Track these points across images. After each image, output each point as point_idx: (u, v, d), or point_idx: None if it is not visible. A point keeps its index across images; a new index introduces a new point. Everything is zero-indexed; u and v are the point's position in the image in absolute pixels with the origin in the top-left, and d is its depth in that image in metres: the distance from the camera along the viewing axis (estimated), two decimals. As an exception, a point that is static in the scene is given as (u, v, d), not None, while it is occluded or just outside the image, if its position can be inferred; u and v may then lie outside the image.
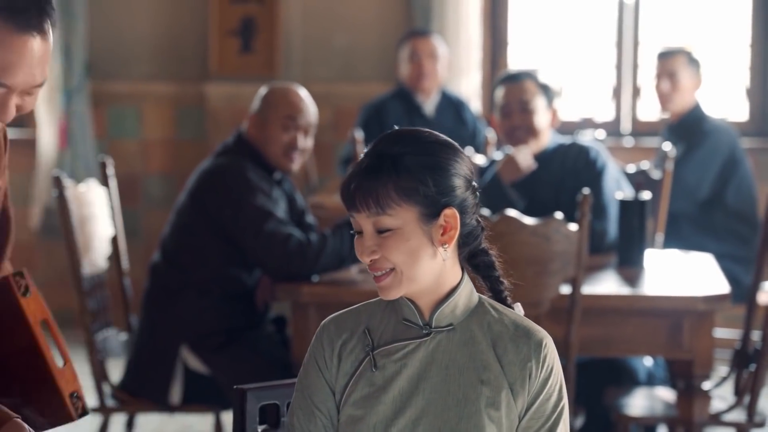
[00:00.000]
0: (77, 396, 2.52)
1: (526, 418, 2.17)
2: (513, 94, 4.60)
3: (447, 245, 2.16)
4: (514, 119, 4.61)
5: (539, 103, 4.59)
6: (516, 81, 4.63)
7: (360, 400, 2.18)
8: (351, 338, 2.22)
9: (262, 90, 4.49)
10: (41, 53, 2.35)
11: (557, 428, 2.18)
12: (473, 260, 2.24)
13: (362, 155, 2.19)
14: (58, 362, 2.50)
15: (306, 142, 4.41)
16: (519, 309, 2.26)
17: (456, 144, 2.21)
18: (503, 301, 2.25)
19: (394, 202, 2.12)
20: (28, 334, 2.46)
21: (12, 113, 2.37)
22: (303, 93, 4.45)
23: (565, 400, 2.20)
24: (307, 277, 4.14)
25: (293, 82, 4.92)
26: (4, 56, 2.31)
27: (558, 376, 2.19)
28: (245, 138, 4.41)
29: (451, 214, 2.15)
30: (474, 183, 2.20)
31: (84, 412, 2.53)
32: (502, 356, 2.17)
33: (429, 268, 2.16)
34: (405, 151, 2.14)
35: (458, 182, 2.16)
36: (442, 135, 2.21)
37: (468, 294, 2.21)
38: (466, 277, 2.22)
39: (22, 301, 2.46)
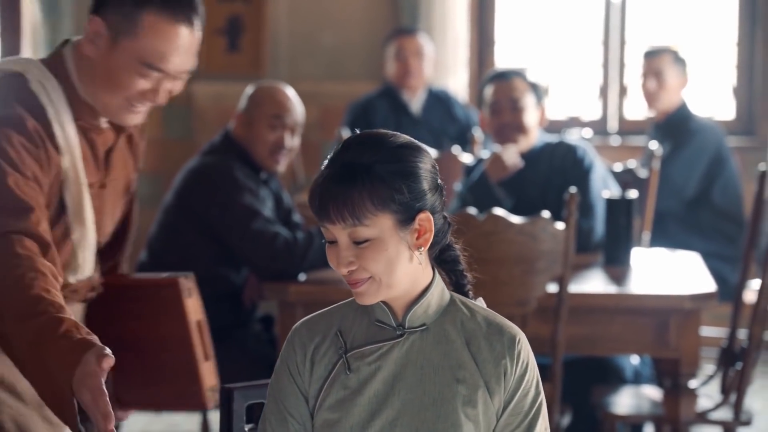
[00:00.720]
0: (214, 390, 2.84)
1: (505, 415, 2.15)
2: (503, 92, 4.60)
3: (423, 248, 2.15)
4: (504, 117, 4.60)
5: (529, 101, 4.59)
6: (506, 79, 4.63)
7: (335, 404, 2.16)
8: (323, 341, 2.19)
9: (249, 89, 4.48)
10: (190, 42, 2.73)
11: (536, 424, 2.17)
12: (440, 256, 2.23)
13: (325, 163, 2.15)
14: (204, 358, 2.83)
15: (293, 142, 4.41)
16: (481, 303, 2.25)
17: (418, 143, 2.18)
18: (465, 295, 2.24)
19: (370, 212, 2.09)
20: (184, 328, 2.81)
21: (165, 97, 2.70)
22: (290, 92, 4.45)
23: (542, 396, 2.19)
24: (294, 276, 4.13)
25: (280, 81, 4.92)
26: (161, 45, 2.68)
27: (534, 371, 2.18)
28: (232, 137, 4.41)
29: (425, 217, 2.13)
30: (439, 181, 2.19)
31: (217, 405, 2.74)
32: (477, 354, 2.16)
33: (406, 273, 2.14)
34: (375, 160, 2.10)
35: (427, 185, 2.14)
36: (403, 136, 2.17)
37: (440, 293, 2.20)
38: (438, 276, 2.21)
39: (186, 301, 2.81)
